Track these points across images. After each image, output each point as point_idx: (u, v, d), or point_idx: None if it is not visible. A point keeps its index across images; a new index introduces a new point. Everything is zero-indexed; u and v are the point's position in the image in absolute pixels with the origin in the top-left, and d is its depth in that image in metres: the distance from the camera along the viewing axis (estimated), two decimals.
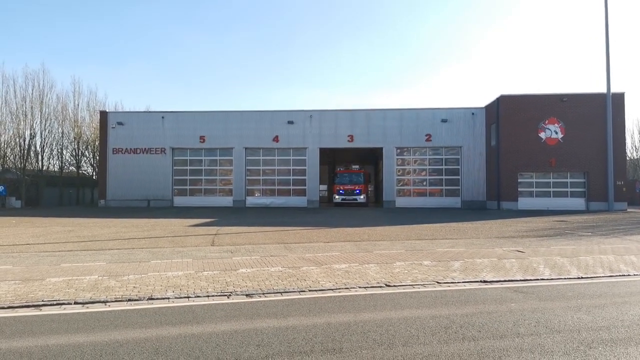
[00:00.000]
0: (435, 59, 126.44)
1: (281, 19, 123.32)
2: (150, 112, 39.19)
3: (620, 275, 8.72)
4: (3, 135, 39.88)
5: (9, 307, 6.36)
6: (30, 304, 6.51)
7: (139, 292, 7.17)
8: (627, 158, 42.90)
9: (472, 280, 8.19)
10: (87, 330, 5.33)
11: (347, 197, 36.54)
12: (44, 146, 42.87)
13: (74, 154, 46.15)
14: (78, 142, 45.52)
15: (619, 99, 30.91)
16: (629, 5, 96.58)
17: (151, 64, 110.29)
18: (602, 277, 8.60)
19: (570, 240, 14.25)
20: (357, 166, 39.07)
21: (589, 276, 8.61)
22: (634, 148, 51.51)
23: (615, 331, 5.26)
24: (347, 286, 7.67)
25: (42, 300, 6.64)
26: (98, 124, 39.06)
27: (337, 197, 37.00)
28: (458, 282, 8.03)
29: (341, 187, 36.95)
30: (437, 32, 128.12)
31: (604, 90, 30.45)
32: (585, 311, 6.14)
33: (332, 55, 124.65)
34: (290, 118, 35.26)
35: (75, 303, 6.59)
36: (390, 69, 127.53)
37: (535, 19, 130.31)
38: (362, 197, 36.43)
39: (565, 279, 8.42)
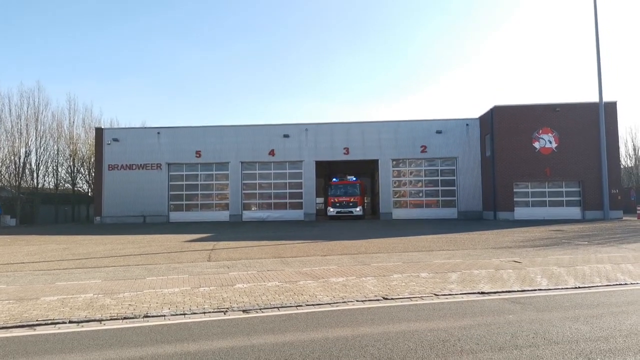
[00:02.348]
0: (430, 70, 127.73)
1: (275, 32, 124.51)
2: (145, 128, 39.25)
3: (617, 285, 8.71)
4: None
5: (2, 327, 6.28)
6: (24, 323, 6.43)
7: (134, 310, 7.10)
8: (622, 166, 43.21)
9: (469, 291, 8.17)
10: (82, 350, 5.27)
11: (342, 210, 34.65)
12: (39, 164, 42.84)
13: (69, 171, 46.03)
14: (73, 159, 45.42)
15: (611, 107, 31.23)
16: (620, 15, 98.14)
17: (146, 78, 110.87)
18: (600, 286, 8.59)
19: (567, 249, 14.26)
20: (353, 177, 36.52)
21: (586, 286, 8.60)
22: (627, 156, 51.92)
23: (613, 341, 5.24)
24: (345, 300, 7.63)
25: (37, 320, 6.57)
26: (93, 141, 39.06)
27: (331, 209, 35.07)
28: (456, 294, 8.00)
29: (336, 200, 35.02)
30: (431, 43, 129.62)
31: (596, 99, 30.79)
32: (583, 321, 6.12)
33: (327, 68, 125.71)
34: (286, 132, 35.40)
35: (70, 322, 6.52)
36: (384, 80, 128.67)
37: (527, 31, 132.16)
38: (358, 209, 34.54)
39: (562, 289, 8.40)
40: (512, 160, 31.29)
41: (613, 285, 8.69)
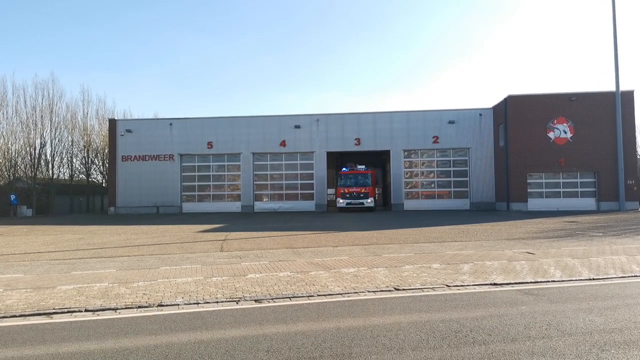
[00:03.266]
0: (442, 60, 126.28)
1: (286, 22, 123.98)
2: (158, 119, 39.54)
3: (632, 276, 8.60)
4: (14, 145, 40.40)
5: (20, 315, 6.43)
6: (41, 312, 6.57)
7: (148, 298, 7.21)
8: (638, 157, 42.41)
9: (482, 283, 8.13)
10: (98, 338, 5.37)
11: (352, 202, 32.26)
12: (54, 155, 43.33)
13: (83, 162, 46.61)
14: (88, 150, 45.96)
15: (628, 96, 30.61)
16: (636, 1, 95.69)
17: (158, 69, 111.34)
18: (614, 278, 8.50)
19: (581, 241, 14.10)
20: (364, 166, 34.27)
21: (600, 277, 8.51)
22: None
23: (628, 333, 5.19)
24: (356, 290, 7.65)
25: (53, 308, 6.70)
26: (107, 132, 39.45)
27: (341, 201, 32.70)
28: (468, 285, 7.98)
29: (346, 190, 32.63)
30: (442, 32, 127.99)
31: (613, 88, 30.20)
32: (597, 313, 6.06)
33: (338, 58, 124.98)
34: (297, 122, 35.35)
35: (86, 310, 6.64)
36: (395, 70, 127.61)
37: (542, 18, 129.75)
38: (369, 200, 32.15)
39: (576, 280, 8.32)
40: (526, 151, 30.90)
41: (628, 277, 8.59)
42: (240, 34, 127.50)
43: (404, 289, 7.72)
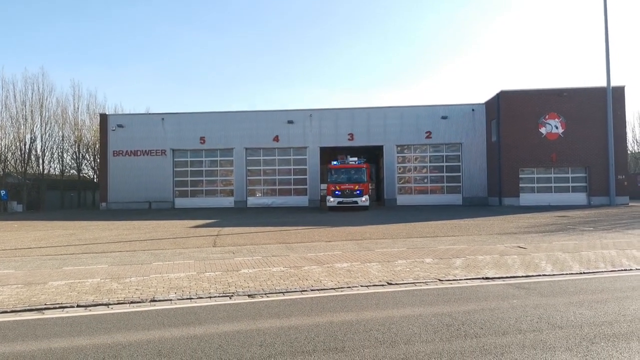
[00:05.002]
0: (435, 56, 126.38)
1: (280, 18, 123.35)
2: (150, 114, 39.26)
3: (622, 270, 8.71)
4: (3, 140, 40.01)
5: (12, 311, 6.38)
6: (33, 307, 6.53)
7: (141, 294, 7.18)
8: (629, 152, 42.87)
9: (474, 277, 8.20)
10: (90, 333, 5.35)
11: (344, 200, 28.54)
12: (44, 150, 42.93)
13: (74, 157, 46.23)
14: (78, 146, 45.58)
15: (619, 92, 30.87)
16: None
17: (149, 64, 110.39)
18: (604, 272, 8.59)
19: (572, 235, 14.24)
20: (356, 159, 30.53)
21: (590, 271, 8.60)
22: (635, 142, 51.51)
23: (617, 326, 5.26)
24: (349, 285, 7.68)
25: (45, 304, 6.66)
26: (98, 127, 39.11)
27: (331, 199, 28.81)
28: (460, 280, 8.03)
29: (337, 187, 28.82)
30: (436, 29, 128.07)
31: (604, 84, 30.43)
32: (587, 306, 6.13)
33: (332, 54, 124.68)
34: (290, 117, 35.25)
35: (78, 306, 6.60)
36: (389, 66, 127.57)
37: (535, 14, 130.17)
38: (363, 199, 28.42)
39: (567, 274, 8.41)
40: (518, 146, 31.08)
41: (618, 270, 8.69)
42: (234, 29, 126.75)
43: (396, 284, 7.76)
